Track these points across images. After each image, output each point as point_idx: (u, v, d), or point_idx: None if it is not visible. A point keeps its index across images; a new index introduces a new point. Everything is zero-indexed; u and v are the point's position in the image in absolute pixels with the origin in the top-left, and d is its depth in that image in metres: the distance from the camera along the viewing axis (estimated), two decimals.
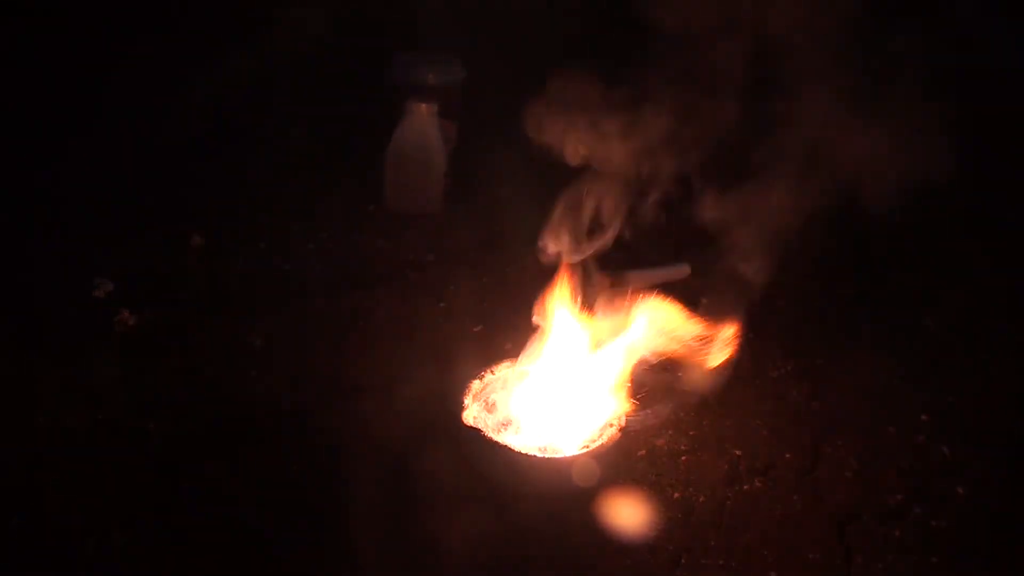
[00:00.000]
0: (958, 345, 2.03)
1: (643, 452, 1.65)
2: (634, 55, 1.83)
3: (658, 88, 1.82)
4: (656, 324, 1.60)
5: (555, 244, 1.70)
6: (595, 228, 1.74)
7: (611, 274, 1.95)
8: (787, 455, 1.69)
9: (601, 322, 1.63)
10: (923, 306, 2.13)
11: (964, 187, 2.56)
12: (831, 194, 1.82)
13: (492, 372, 1.62)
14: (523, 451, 1.48)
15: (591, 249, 1.72)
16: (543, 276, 1.66)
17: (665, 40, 1.79)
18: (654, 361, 1.62)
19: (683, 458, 1.66)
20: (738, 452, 1.69)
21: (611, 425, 1.54)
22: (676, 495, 1.58)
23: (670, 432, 1.71)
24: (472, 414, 1.55)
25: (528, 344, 1.63)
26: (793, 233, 1.82)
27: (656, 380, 1.68)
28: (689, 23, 1.78)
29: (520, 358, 1.63)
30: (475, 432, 1.49)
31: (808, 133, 1.85)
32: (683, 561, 1.47)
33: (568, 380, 1.59)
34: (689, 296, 1.74)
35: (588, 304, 1.65)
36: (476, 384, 1.59)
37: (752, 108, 1.87)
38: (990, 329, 2.09)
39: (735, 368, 1.86)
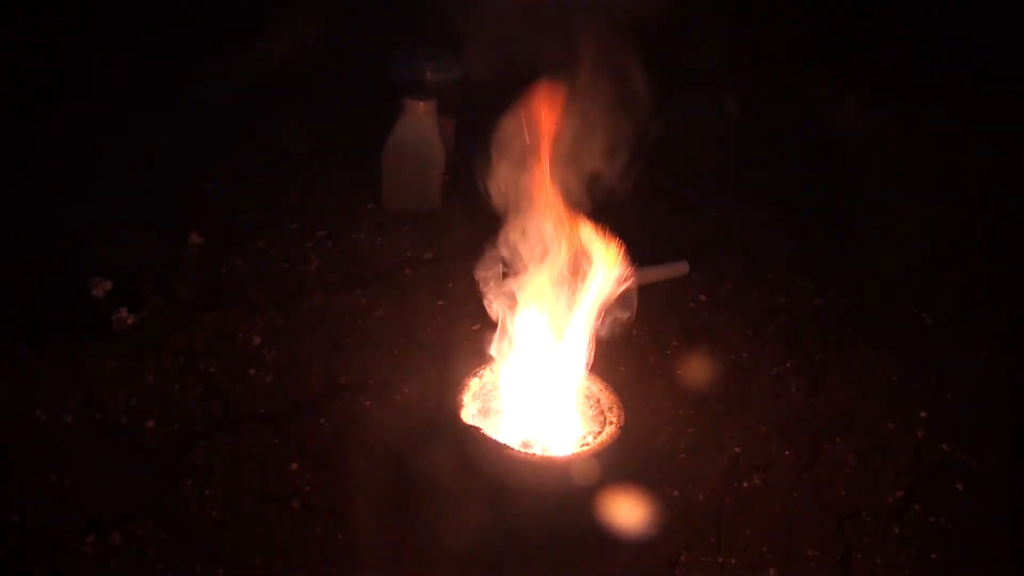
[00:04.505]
0: (957, 341, 2.03)
1: (642, 450, 1.65)
2: None
3: None
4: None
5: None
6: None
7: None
8: (786, 452, 1.69)
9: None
10: (921, 302, 2.13)
11: (962, 183, 2.57)
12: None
13: (491, 370, 1.62)
14: (522, 449, 1.48)
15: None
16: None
17: None
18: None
19: (682, 456, 1.66)
20: (737, 449, 1.68)
21: (610, 423, 1.53)
22: (675, 493, 1.58)
23: (669, 430, 1.71)
24: (471, 412, 1.55)
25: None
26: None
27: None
28: None
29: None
30: (474, 430, 1.49)
31: None
32: (682, 559, 1.47)
33: (566, 377, 1.59)
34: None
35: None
36: (475, 382, 1.59)
37: None
38: (988, 325, 2.09)
39: (735, 366, 1.87)
